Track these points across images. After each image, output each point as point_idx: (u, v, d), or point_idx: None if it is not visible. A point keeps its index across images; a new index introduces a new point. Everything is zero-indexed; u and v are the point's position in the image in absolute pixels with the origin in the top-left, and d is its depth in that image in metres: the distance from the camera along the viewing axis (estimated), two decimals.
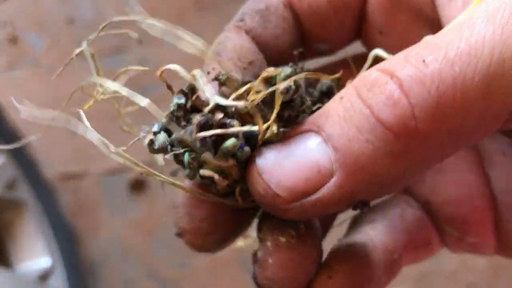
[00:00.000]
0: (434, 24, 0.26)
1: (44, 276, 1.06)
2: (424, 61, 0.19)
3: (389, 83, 0.19)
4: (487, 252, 0.30)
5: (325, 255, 0.26)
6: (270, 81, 0.23)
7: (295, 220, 0.24)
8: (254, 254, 0.25)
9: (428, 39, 0.21)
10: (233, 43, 0.26)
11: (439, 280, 1.23)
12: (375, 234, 0.27)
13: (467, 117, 0.19)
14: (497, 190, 0.29)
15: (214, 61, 0.25)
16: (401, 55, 0.20)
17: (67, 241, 1.15)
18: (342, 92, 0.21)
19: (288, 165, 0.21)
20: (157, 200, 1.29)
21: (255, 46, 0.27)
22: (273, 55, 0.28)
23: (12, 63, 1.43)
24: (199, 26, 1.44)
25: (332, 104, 0.21)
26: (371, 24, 0.28)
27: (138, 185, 1.30)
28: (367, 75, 0.21)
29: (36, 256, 1.07)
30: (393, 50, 0.23)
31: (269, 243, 0.24)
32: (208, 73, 0.25)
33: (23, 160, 1.09)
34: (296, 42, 0.29)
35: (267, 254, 0.24)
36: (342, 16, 0.28)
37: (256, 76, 0.24)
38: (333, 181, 0.20)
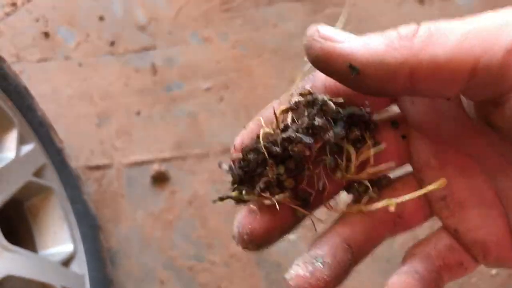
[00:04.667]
0: None
1: (66, 261, 1.08)
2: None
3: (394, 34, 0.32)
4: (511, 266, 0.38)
5: None
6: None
7: None
8: None
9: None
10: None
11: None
12: (415, 262, 0.37)
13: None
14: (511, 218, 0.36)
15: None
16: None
17: (90, 229, 1.18)
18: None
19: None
20: (178, 193, 1.32)
21: None
22: None
23: (44, 56, 1.48)
24: (224, 27, 1.47)
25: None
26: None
27: (160, 178, 1.33)
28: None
29: (60, 241, 1.10)
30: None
31: None
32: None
33: (51, 148, 1.12)
34: None
35: None
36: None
37: None
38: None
